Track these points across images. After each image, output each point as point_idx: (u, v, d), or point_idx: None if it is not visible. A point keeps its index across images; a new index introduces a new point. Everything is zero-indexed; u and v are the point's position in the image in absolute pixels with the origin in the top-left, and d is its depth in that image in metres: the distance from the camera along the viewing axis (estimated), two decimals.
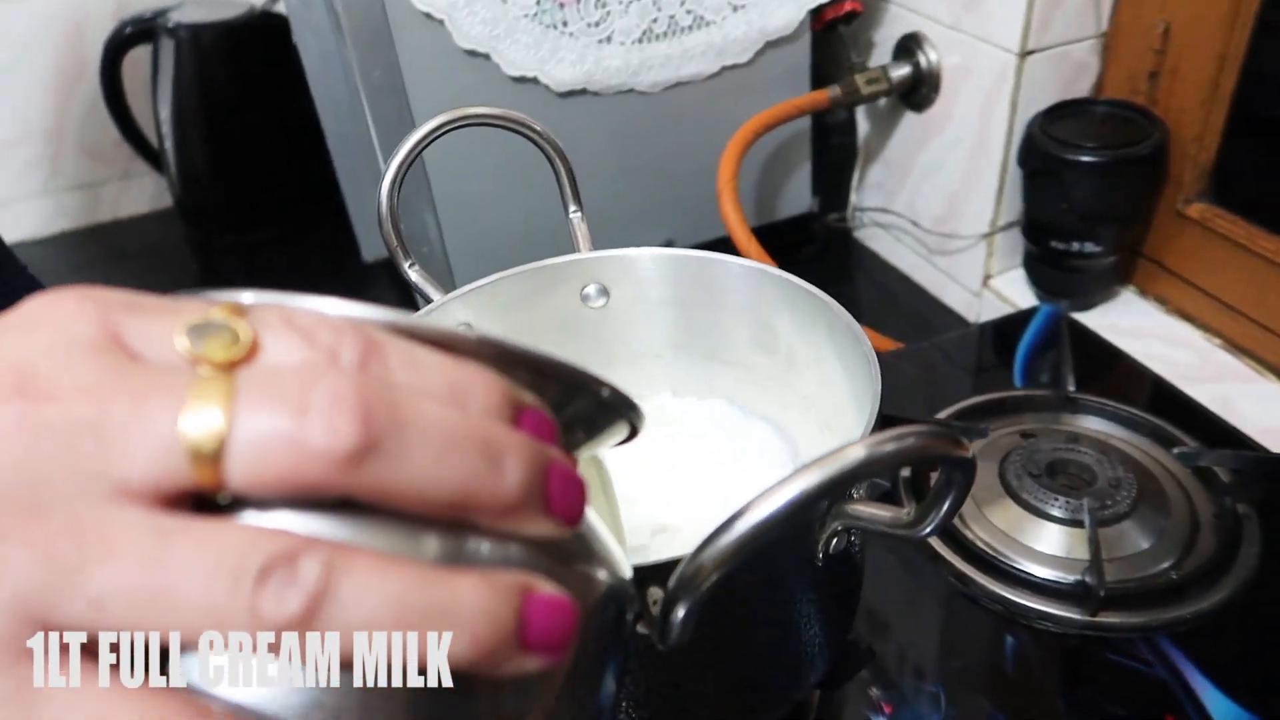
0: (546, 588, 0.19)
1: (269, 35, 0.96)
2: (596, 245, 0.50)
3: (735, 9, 0.76)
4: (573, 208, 0.51)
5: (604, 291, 0.50)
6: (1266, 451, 0.60)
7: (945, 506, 0.30)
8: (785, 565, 0.35)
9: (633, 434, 0.28)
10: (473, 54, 0.70)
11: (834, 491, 0.27)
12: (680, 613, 0.28)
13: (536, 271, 0.49)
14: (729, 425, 0.52)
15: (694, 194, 0.82)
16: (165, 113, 1.01)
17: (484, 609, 0.18)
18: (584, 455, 0.27)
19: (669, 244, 0.85)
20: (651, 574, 0.31)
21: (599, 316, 0.51)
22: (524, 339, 0.40)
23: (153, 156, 1.07)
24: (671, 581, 0.28)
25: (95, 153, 1.12)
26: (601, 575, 0.24)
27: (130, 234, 1.16)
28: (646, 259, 0.49)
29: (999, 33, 0.73)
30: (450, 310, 0.47)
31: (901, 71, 0.80)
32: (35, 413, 0.16)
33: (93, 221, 1.16)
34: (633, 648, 0.28)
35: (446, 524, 0.19)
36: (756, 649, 0.37)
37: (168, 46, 0.98)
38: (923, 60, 0.80)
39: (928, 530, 0.31)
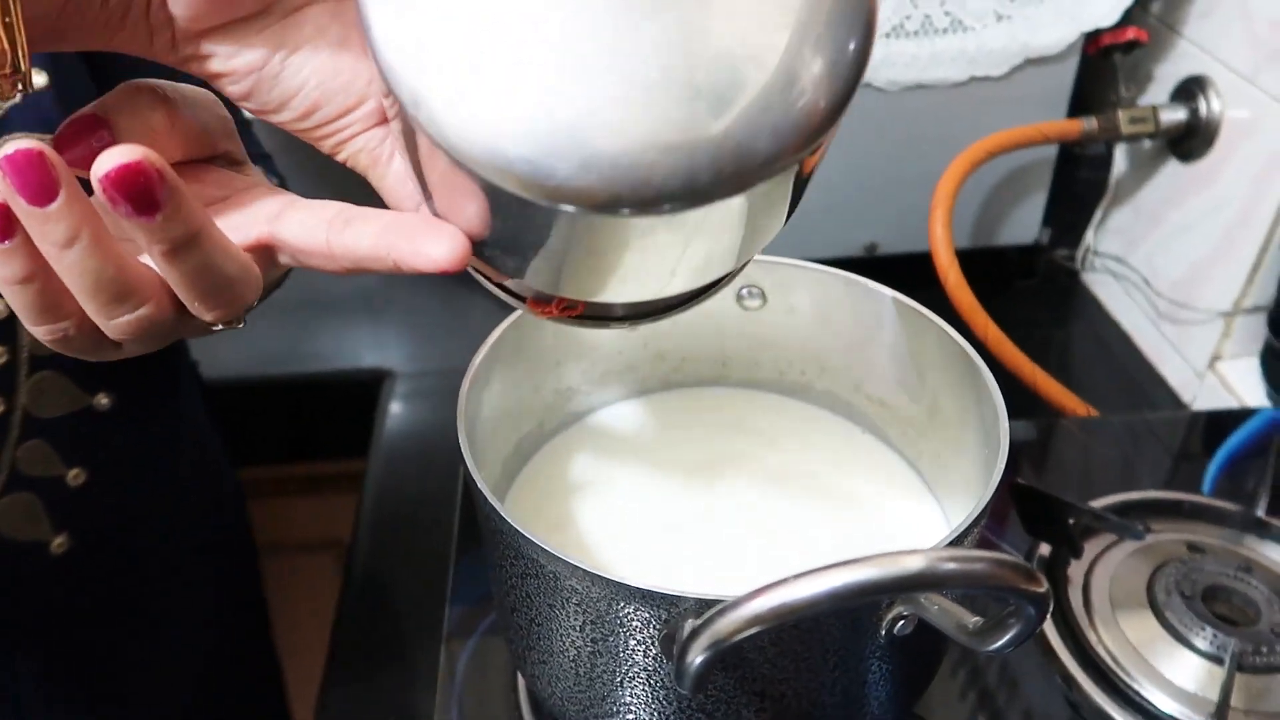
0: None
1: None
2: (796, 235, 0.49)
3: (999, 18, 0.71)
4: None
5: (761, 295, 0.49)
6: None
7: (1008, 637, 0.28)
8: (840, 634, 0.34)
9: None
10: None
11: (883, 592, 0.26)
12: (697, 660, 0.28)
13: None
14: (867, 455, 0.50)
15: (910, 202, 0.78)
16: None
17: None
18: None
19: (872, 248, 0.82)
20: (696, 608, 0.31)
21: (751, 320, 0.50)
22: (674, 323, 0.40)
23: None
24: (690, 628, 0.28)
25: None
26: None
27: None
28: (810, 273, 0.48)
29: None
30: None
31: (1175, 116, 0.72)
32: None
33: None
34: None
35: None
36: (800, 703, 0.36)
37: None
38: (1203, 108, 0.71)
39: (990, 650, 0.29)
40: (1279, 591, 0.51)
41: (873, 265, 0.80)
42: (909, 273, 0.65)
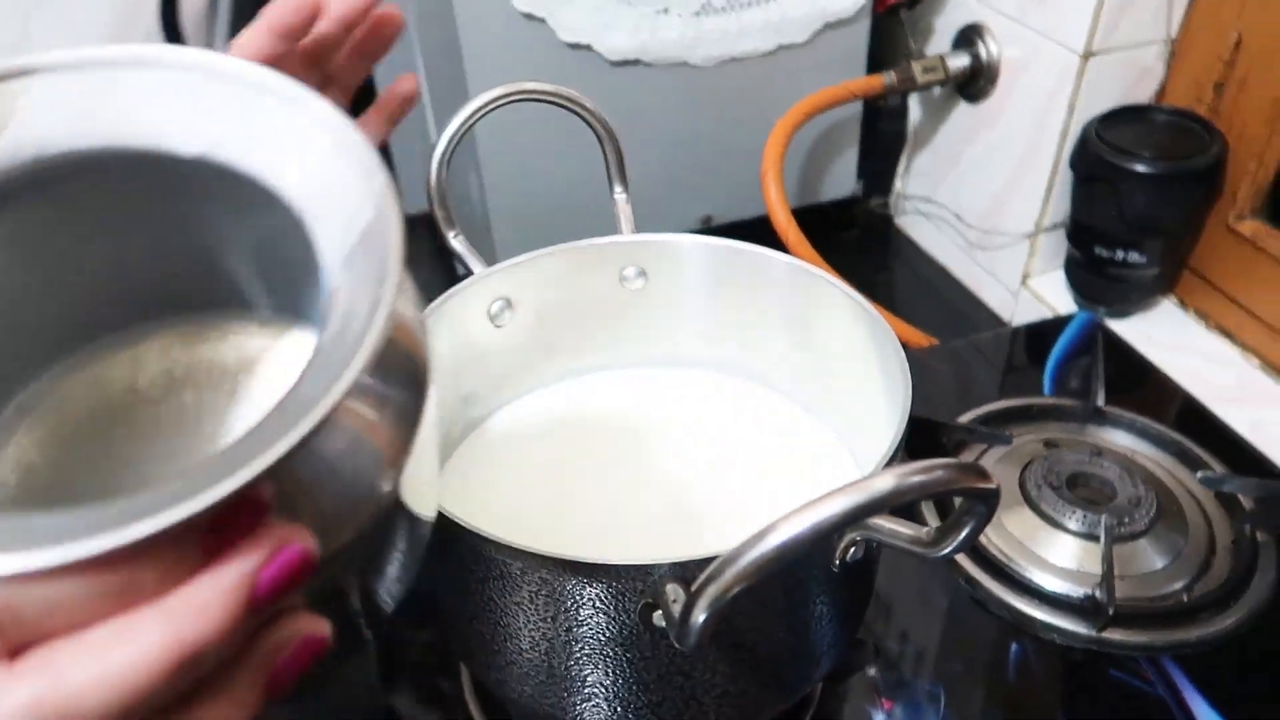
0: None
1: None
2: (636, 214, 0.51)
3: None
4: (618, 189, 0.51)
5: (643, 274, 0.51)
6: None
7: (964, 534, 0.31)
8: (802, 572, 0.36)
9: None
10: (529, 17, 0.70)
11: (859, 517, 0.28)
12: (700, 618, 0.29)
13: (579, 250, 0.49)
14: (767, 409, 0.52)
15: (738, 171, 0.81)
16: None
17: None
18: None
19: (708, 220, 0.85)
20: (674, 571, 0.32)
21: (636, 298, 0.51)
22: (562, 314, 0.39)
23: None
24: (693, 588, 0.29)
25: None
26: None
27: None
28: (689, 245, 0.50)
29: (1064, 30, 0.71)
30: (491, 284, 0.48)
31: (960, 62, 0.79)
32: None
33: None
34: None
35: None
36: (768, 646, 0.38)
37: None
38: (983, 52, 0.78)
39: (945, 553, 0.32)
40: (1128, 469, 0.58)
41: (711, 236, 0.83)
42: (745, 239, 0.68)
